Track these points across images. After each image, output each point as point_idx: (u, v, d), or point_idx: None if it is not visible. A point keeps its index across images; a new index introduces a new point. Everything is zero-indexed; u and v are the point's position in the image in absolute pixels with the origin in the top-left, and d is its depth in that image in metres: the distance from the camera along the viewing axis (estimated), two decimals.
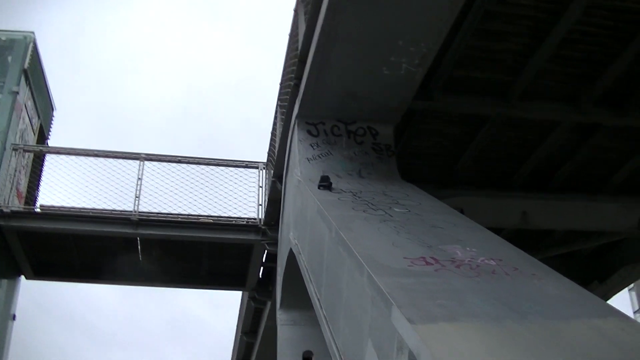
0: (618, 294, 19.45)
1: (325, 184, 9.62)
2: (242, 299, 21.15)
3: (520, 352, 4.70)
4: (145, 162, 16.15)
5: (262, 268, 16.71)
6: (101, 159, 15.99)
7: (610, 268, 18.36)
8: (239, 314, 22.34)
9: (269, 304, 17.19)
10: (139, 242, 16.19)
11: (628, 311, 70.63)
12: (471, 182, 14.41)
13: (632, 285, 75.48)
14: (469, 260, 6.52)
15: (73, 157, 15.97)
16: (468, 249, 6.95)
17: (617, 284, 18.39)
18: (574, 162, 14.18)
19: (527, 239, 16.56)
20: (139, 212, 15.37)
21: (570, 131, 13.29)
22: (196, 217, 15.60)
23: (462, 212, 10.43)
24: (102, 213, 15.36)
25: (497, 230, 13.46)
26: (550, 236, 16.96)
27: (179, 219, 15.51)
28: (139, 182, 15.80)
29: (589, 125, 13.19)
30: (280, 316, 13.18)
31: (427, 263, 6.37)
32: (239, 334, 22.72)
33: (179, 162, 16.24)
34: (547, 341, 4.93)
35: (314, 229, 8.91)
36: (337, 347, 7.14)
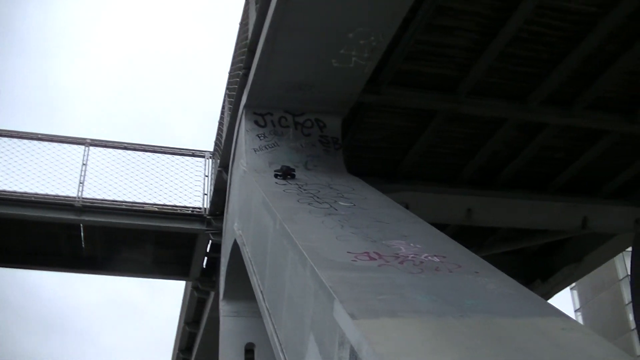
0: (560, 293, 19.70)
1: (280, 173, 9.67)
2: (185, 289, 21.01)
3: (459, 348, 4.70)
4: (90, 148, 15.90)
5: (206, 258, 16.62)
6: (45, 143, 15.69)
7: (554, 267, 18.59)
8: (182, 304, 22.20)
9: (212, 294, 17.10)
10: (82, 228, 15.97)
11: (569, 310, 71.79)
12: (417, 177, 14.44)
13: (574, 284, 76.83)
14: (413, 256, 6.52)
15: (15, 139, 15.65)
16: (412, 244, 6.94)
17: (560, 283, 18.63)
18: (520, 160, 14.30)
19: (472, 236, 16.68)
20: (83, 198, 15.12)
21: (517, 129, 13.40)
22: (141, 205, 15.42)
23: (407, 207, 10.47)
24: (44, 198, 15.07)
25: (442, 226, 13.57)
26: (495, 233, 17.10)
27: (124, 207, 15.31)
28: (83, 168, 15.55)
29: (536, 124, 13.30)
30: (223, 307, 13.09)
31: (371, 258, 6.34)
32: (182, 323, 22.58)
33: (125, 148, 16.05)
34: (487, 338, 4.93)
35: (258, 221, 8.85)
36: (279, 341, 7.09)
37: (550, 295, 18.70)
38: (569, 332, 5.29)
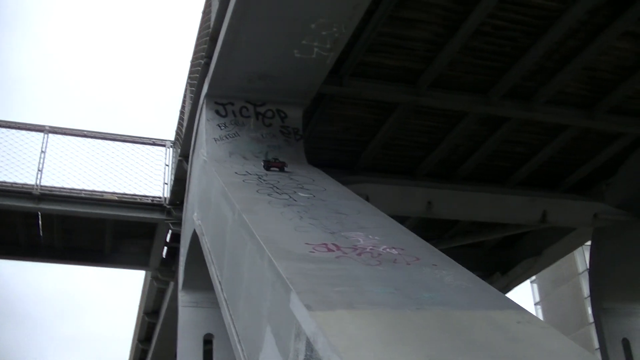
0: (521, 286, 19.86)
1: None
2: (145, 279, 20.88)
3: (415, 340, 4.70)
4: (49, 135, 15.70)
5: (166, 248, 16.51)
6: (2, 130, 15.48)
7: (513, 260, 18.74)
8: (142, 294, 22.07)
9: (172, 284, 17.01)
10: (40, 217, 15.77)
11: (529, 303, 72.52)
12: (378, 169, 14.46)
13: (534, 277, 77.55)
14: (371, 248, 6.51)
15: None
16: (371, 236, 6.94)
17: (519, 276, 18.78)
18: (481, 154, 14.38)
19: (432, 229, 16.77)
20: (41, 186, 14.93)
21: (478, 123, 13.45)
22: (100, 193, 15.26)
23: (367, 199, 10.47)
24: (1, 186, 14.82)
25: (402, 219, 13.60)
26: (455, 226, 17.19)
27: (83, 195, 15.12)
28: (42, 155, 15.35)
29: (497, 117, 13.37)
30: (182, 297, 13.02)
31: (329, 249, 6.33)
32: (141, 314, 22.46)
33: (85, 136, 15.87)
34: (443, 331, 4.94)
35: (217, 211, 8.80)
36: (236, 332, 7.06)
37: (509, 288, 18.85)
38: (524, 326, 5.32)
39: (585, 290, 56.98)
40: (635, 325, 15.45)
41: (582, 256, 63.72)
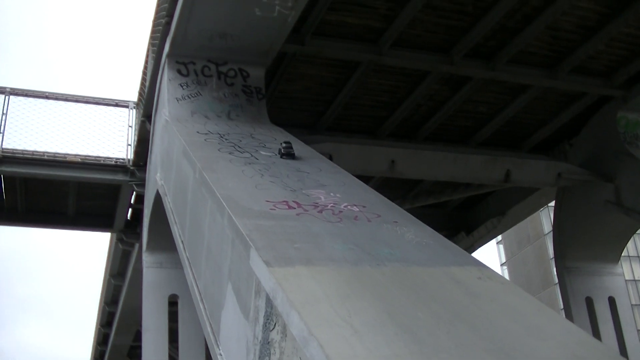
0: (487, 247, 20.05)
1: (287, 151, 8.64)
2: (110, 241, 20.79)
3: (374, 296, 4.72)
4: (11, 97, 15.47)
5: (130, 209, 16.43)
6: None
7: (477, 220, 18.89)
8: (107, 256, 21.98)
9: (137, 246, 16.96)
10: (2, 179, 15.60)
11: (495, 263, 73.35)
12: (341, 129, 14.46)
13: (500, 238, 78.29)
14: (332, 206, 6.52)
15: None
16: (332, 194, 6.95)
17: (483, 236, 18.93)
18: (443, 113, 14.41)
19: (395, 189, 16.82)
20: (3, 148, 14.73)
21: (440, 82, 13.46)
22: (63, 155, 15.06)
23: (330, 158, 10.46)
24: None
25: (366, 179, 13.63)
26: (418, 186, 17.25)
27: (45, 157, 14.94)
28: (3, 117, 15.13)
29: (459, 77, 13.38)
30: (146, 258, 13.01)
31: (289, 207, 6.33)
32: (107, 276, 22.39)
33: (47, 97, 15.64)
34: (402, 286, 4.97)
35: (179, 170, 8.77)
36: (198, 290, 7.07)
37: (474, 248, 19.01)
38: (484, 282, 5.36)
39: (551, 251, 57.63)
40: (599, 284, 15.66)
41: (547, 217, 64.45)
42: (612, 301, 15.44)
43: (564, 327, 4.91)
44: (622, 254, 16.15)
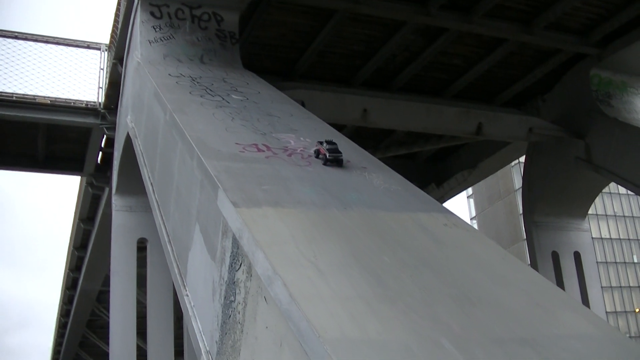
0: (457, 201, 20.19)
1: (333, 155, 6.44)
2: (80, 185, 20.68)
3: (339, 238, 4.74)
4: None
5: (100, 153, 16.31)
6: None
7: (448, 172, 18.98)
8: (77, 200, 21.87)
9: (107, 191, 16.88)
10: None
11: (465, 218, 73.97)
12: (314, 77, 14.38)
13: (470, 192, 78.79)
14: (302, 150, 6.52)
15: None
16: (302, 139, 6.95)
17: (454, 188, 19.04)
18: (417, 64, 14.37)
19: (368, 138, 16.81)
20: None
21: (416, 33, 13.40)
22: (32, 97, 14.87)
23: (303, 105, 10.42)
24: None
25: (339, 127, 13.57)
26: (391, 136, 17.25)
27: (14, 99, 14.73)
28: None
29: (435, 28, 13.32)
30: (116, 202, 12.98)
31: (259, 150, 6.32)
32: (76, 220, 22.31)
33: (16, 38, 15.38)
34: (368, 230, 4.99)
35: (150, 113, 8.71)
36: (166, 232, 7.07)
37: (444, 199, 19.12)
38: (450, 228, 5.40)
39: (521, 207, 58.33)
40: (565, 239, 15.83)
41: (518, 173, 64.96)
42: (577, 256, 15.63)
43: (527, 276, 4.96)
44: (591, 213, 16.33)
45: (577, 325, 4.33)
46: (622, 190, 70.48)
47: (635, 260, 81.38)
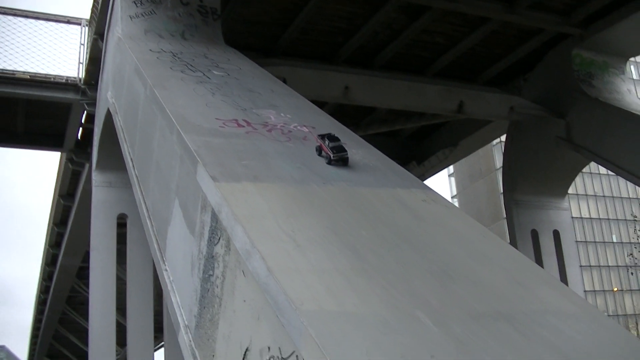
0: (439, 180, 20.24)
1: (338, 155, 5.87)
2: (60, 161, 20.59)
3: (319, 213, 4.76)
4: None
5: (81, 129, 16.21)
6: None
7: (429, 150, 19.01)
8: (57, 176, 21.79)
9: (87, 166, 16.82)
10: None
11: (446, 196, 74.28)
12: (296, 54, 14.32)
13: (452, 171, 79.04)
14: (282, 126, 6.52)
15: None
16: (282, 114, 6.94)
17: (435, 166, 19.08)
18: (400, 42, 14.33)
19: (349, 116, 16.78)
20: None
21: (398, 11, 13.36)
22: (11, 72, 14.74)
23: (284, 81, 10.39)
24: None
25: (320, 104, 13.55)
26: (372, 114, 17.24)
27: None
28: None
29: (418, 6, 13.27)
30: (96, 177, 12.94)
31: (239, 125, 6.32)
32: (56, 196, 22.23)
33: None
34: (347, 206, 5.00)
35: (130, 88, 8.67)
36: (146, 208, 7.06)
37: (424, 177, 19.15)
38: (429, 204, 5.42)
39: (501, 185, 58.57)
40: (545, 218, 15.92)
41: (499, 152, 65.19)
42: (557, 235, 15.72)
43: (506, 253, 4.99)
44: (571, 193, 16.42)
45: (554, 301, 4.36)
46: (603, 170, 70.93)
47: (614, 240, 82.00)
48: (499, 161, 68.50)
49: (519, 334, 3.77)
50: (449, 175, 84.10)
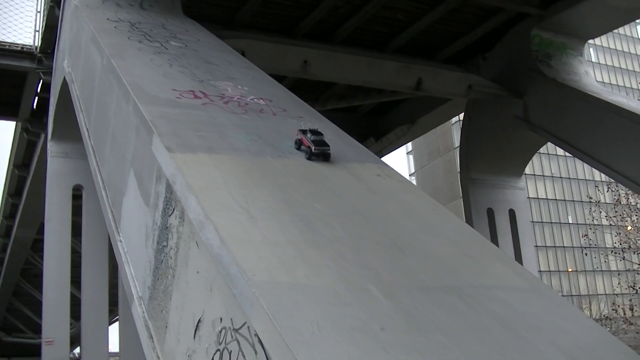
0: (397, 157, 20.28)
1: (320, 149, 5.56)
2: (14, 131, 20.34)
3: (272, 185, 4.76)
4: None
5: (36, 98, 16.01)
6: None
7: (387, 127, 19.04)
8: (11, 146, 21.51)
9: (42, 136, 16.63)
10: None
11: (405, 174, 74.45)
12: (256, 27, 14.19)
13: (410, 149, 79.27)
14: (239, 98, 6.50)
15: None
16: (240, 87, 6.92)
17: (393, 142, 19.14)
18: (360, 17, 14.26)
19: (308, 91, 16.72)
20: None
21: None
22: None
23: (243, 54, 10.33)
24: None
25: (279, 78, 13.51)
26: (331, 89, 17.20)
27: None
28: None
29: None
30: (51, 148, 12.81)
31: (196, 96, 6.29)
32: (11, 167, 21.97)
33: None
34: (302, 178, 5.02)
35: (87, 57, 8.57)
36: (101, 178, 7.02)
37: (382, 153, 19.19)
38: (383, 179, 5.44)
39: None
40: (500, 196, 16.05)
41: (458, 131, 65.28)
42: (512, 214, 15.86)
43: (458, 227, 5.04)
44: (528, 173, 16.55)
45: (504, 276, 4.42)
46: (560, 151, 71.54)
47: (570, 221, 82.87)
48: (457, 140, 68.59)
49: (468, 306, 3.81)
50: (408, 153, 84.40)
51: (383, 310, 3.54)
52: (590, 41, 16.65)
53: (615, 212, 32.54)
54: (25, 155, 19.91)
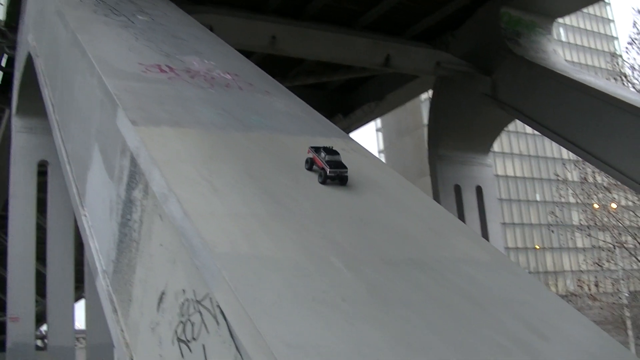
0: (366, 134, 20.28)
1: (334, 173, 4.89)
2: None
3: (237, 158, 4.77)
4: None
5: (1, 72, 15.83)
6: None
7: (355, 103, 19.03)
8: None
9: (7, 112, 16.45)
10: None
11: (374, 151, 74.43)
12: (224, 2, 14.07)
13: (379, 126, 79.27)
14: (205, 72, 6.47)
15: None
16: (206, 61, 6.88)
17: (361, 119, 19.16)
18: None
19: (276, 67, 16.65)
20: None
21: None
22: None
23: (211, 29, 10.27)
24: None
25: (248, 54, 13.43)
26: (300, 65, 17.14)
27: None
28: None
29: None
30: (16, 123, 12.69)
31: (162, 70, 6.25)
32: None
33: None
34: (267, 152, 5.02)
35: (52, 31, 8.49)
36: (66, 153, 6.97)
37: (350, 130, 19.20)
38: (349, 153, 5.45)
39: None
40: (467, 173, 16.13)
41: (427, 108, 65.45)
42: (479, 191, 15.96)
43: (423, 202, 5.07)
44: (497, 151, 16.63)
45: (469, 250, 4.45)
46: (528, 129, 71.92)
47: (538, 199, 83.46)
48: (426, 117, 68.39)
49: (432, 280, 3.84)
50: (377, 130, 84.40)
51: (345, 282, 3.56)
52: (560, 20, 16.73)
53: (582, 190, 32.80)
54: None
